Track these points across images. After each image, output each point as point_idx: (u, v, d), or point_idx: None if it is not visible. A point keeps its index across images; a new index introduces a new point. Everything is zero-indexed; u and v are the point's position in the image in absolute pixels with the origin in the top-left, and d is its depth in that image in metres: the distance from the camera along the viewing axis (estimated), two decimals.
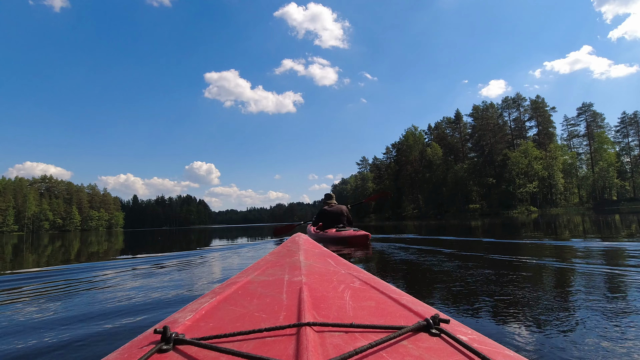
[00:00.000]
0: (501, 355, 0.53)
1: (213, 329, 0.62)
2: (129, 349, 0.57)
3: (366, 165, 79.90)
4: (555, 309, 1.49)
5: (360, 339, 0.55)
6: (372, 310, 0.70)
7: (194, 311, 0.70)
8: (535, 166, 45.69)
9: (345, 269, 1.10)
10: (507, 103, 54.88)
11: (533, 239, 5.02)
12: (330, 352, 0.50)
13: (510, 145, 52.88)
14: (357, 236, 4.69)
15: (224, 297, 0.80)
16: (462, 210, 51.44)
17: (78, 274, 2.93)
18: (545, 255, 3.15)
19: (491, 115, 54.05)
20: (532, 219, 15.23)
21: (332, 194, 6.17)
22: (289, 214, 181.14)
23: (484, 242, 4.85)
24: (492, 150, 52.12)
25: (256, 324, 0.63)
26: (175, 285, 2.25)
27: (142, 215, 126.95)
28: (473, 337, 0.58)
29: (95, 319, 1.52)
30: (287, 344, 0.53)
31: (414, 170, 62.36)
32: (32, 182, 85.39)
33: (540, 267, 2.58)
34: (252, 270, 1.10)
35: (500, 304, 1.61)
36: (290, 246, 1.60)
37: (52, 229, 78.99)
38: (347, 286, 0.87)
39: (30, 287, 2.41)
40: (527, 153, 46.41)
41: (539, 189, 46.05)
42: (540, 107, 51.86)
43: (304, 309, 0.65)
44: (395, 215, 60.23)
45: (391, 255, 3.72)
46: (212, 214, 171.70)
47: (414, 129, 65.56)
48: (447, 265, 2.78)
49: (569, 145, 52.51)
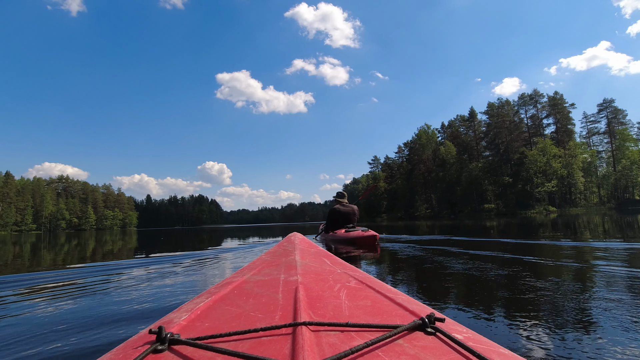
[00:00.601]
0: (496, 353, 0.53)
1: (208, 329, 0.62)
2: (124, 349, 0.57)
3: (378, 164, 79.39)
4: (553, 309, 1.48)
5: (356, 338, 0.55)
6: (367, 309, 0.71)
7: (189, 311, 0.71)
8: (553, 164, 44.35)
9: (341, 268, 1.11)
10: (523, 100, 53.52)
11: (549, 239, 4.89)
12: (326, 352, 0.50)
13: (527, 143, 51.55)
14: (365, 237, 4.70)
15: (219, 297, 0.81)
16: (476, 210, 50.47)
17: (84, 275, 2.97)
18: (553, 256, 3.08)
19: (507, 112, 52.83)
20: (551, 219, 14.82)
21: (344, 192, 6.05)
22: (300, 213, 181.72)
23: (493, 242, 4.74)
24: (508, 149, 50.94)
25: (252, 323, 0.63)
26: (175, 286, 2.28)
27: (156, 214, 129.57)
28: (468, 335, 0.59)
29: (92, 319, 1.54)
30: (283, 343, 0.53)
31: (426, 169, 61.58)
32: (50, 182, 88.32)
33: (544, 267, 2.53)
34: (247, 269, 1.11)
35: (496, 303, 1.62)
36: (286, 246, 1.61)
37: (68, 228, 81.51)
38: (343, 285, 0.87)
39: (36, 287, 2.47)
40: (546, 151, 45.12)
41: (558, 188, 44.70)
42: (559, 103, 50.37)
43: (299, 309, 0.66)
44: (407, 215, 59.64)
45: (396, 255, 3.71)
46: (223, 214, 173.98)
47: (426, 128, 64.75)
48: (448, 265, 2.80)
49: (588, 143, 50.84)
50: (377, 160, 79.64)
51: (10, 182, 71.95)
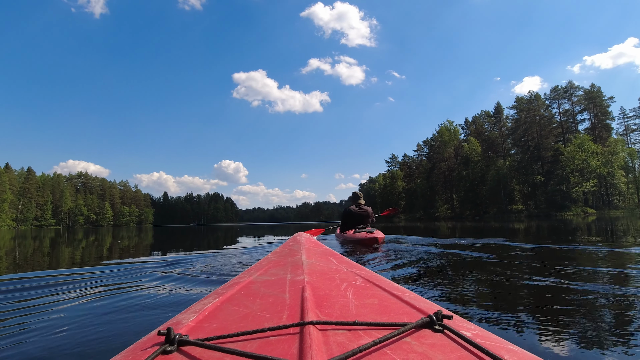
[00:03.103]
0: (505, 350, 0.54)
1: (216, 330, 0.63)
2: (133, 351, 0.58)
3: (395, 163, 78.38)
4: (566, 310, 1.50)
5: (364, 336, 0.56)
6: (374, 307, 0.72)
7: (197, 312, 0.73)
8: (592, 162, 42.07)
9: (347, 267, 1.13)
10: (556, 93, 51.34)
11: (588, 244, 4.66)
12: (334, 351, 0.51)
13: (560, 139, 49.49)
14: (368, 238, 4.94)
15: (226, 297, 0.82)
16: (504, 211, 48.94)
17: (94, 276, 2.99)
18: (589, 262, 2.94)
19: (537, 107, 50.85)
20: (589, 222, 14.18)
21: (360, 193, 6.15)
22: (316, 212, 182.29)
23: (518, 246, 4.57)
24: (539, 145, 49.06)
25: (259, 323, 0.64)
26: (184, 286, 2.31)
27: (172, 211, 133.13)
28: (476, 332, 0.60)
29: (101, 320, 1.58)
30: (291, 343, 0.54)
31: (448, 167, 60.31)
32: (69, 179, 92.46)
33: (578, 272, 2.41)
34: (254, 270, 1.12)
35: (505, 302, 1.64)
36: (292, 245, 1.63)
37: (86, 223, 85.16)
38: (349, 284, 0.88)
39: (46, 286, 2.52)
40: (583, 147, 42.82)
41: (597, 188, 42.43)
42: (596, 97, 48.04)
43: (306, 308, 0.67)
44: (427, 216, 58.67)
45: (403, 254, 3.76)
46: (239, 212, 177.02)
47: (448, 124, 63.27)
48: (457, 264, 2.83)
49: (626, 140, 48.19)
50: (394, 158, 78.69)
51: (31, 178, 75.82)
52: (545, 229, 9.97)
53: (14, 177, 70.43)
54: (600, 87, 48.14)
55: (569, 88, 50.39)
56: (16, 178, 71.42)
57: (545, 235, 7.08)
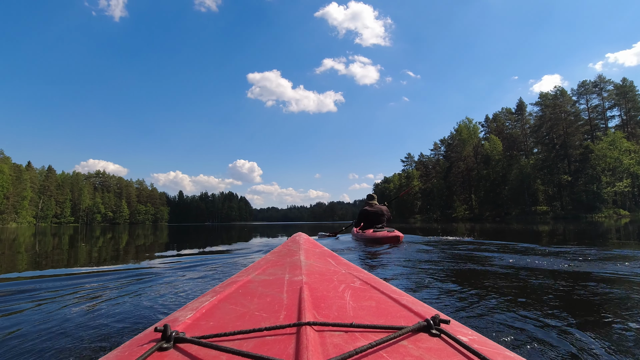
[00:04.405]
0: (501, 356, 0.54)
1: (213, 328, 0.64)
2: (130, 347, 0.59)
3: (411, 162, 77.38)
4: (568, 315, 1.50)
5: (360, 338, 0.57)
6: (372, 310, 0.73)
7: (194, 310, 0.74)
8: (625, 161, 39.67)
9: (346, 268, 1.14)
10: (584, 88, 49.39)
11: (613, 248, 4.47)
12: (330, 352, 0.52)
13: (589, 136, 47.57)
14: (390, 237, 5.21)
15: (224, 296, 0.83)
16: (527, 213, 47.47)
17: (100, 275, 3.00)
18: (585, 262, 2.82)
19: (563, 103, 49.06)
20: (622, 224, 13.58)
21: (374, 194, 6.62)
22: (329, 212, 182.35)
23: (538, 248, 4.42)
24: (566, 143, 47.31)
25: (256, 323, 0.65)
26: (182, 285, 2.35)
27: (187, 210, 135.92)
28: (473, 338, 0.60)
29: (99, 317, 1.61)
30: (287, 343, 0.55)
31: (467, 166, 59.07)
32: (88, 177, 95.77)
33: (568, 275, 2.33)
34: (252, 269, 1.14)
35: (503, 307, 1.65)
36: (290, 245, 1.64)
37: (103, 221, 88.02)
38: (347, 286, 0.89)
39: (50, 286, 2.54)
40: (615, 145, 40.25)
41: (631, 188, 40.25)
42: (629, 91, 45.95)
43: (304, 309, 0.68)
44: (444, 217, 57.64)
45: (405, 255, 3.80)
46: (253, 211, 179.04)
47: (467, 122, 61.87)
48: (459, 267, 2.83)
49: None
50: (410, 157, 77.70)
51: (51, 176, 78.98)
52: (576, 232, 9.60)
53: (35, 176, 73.50)
54: (632, 81, 46.02)
55: (598, 82, 48.34)
56: (37, 176, 74.52)
57: (585, 240, 6.84)
